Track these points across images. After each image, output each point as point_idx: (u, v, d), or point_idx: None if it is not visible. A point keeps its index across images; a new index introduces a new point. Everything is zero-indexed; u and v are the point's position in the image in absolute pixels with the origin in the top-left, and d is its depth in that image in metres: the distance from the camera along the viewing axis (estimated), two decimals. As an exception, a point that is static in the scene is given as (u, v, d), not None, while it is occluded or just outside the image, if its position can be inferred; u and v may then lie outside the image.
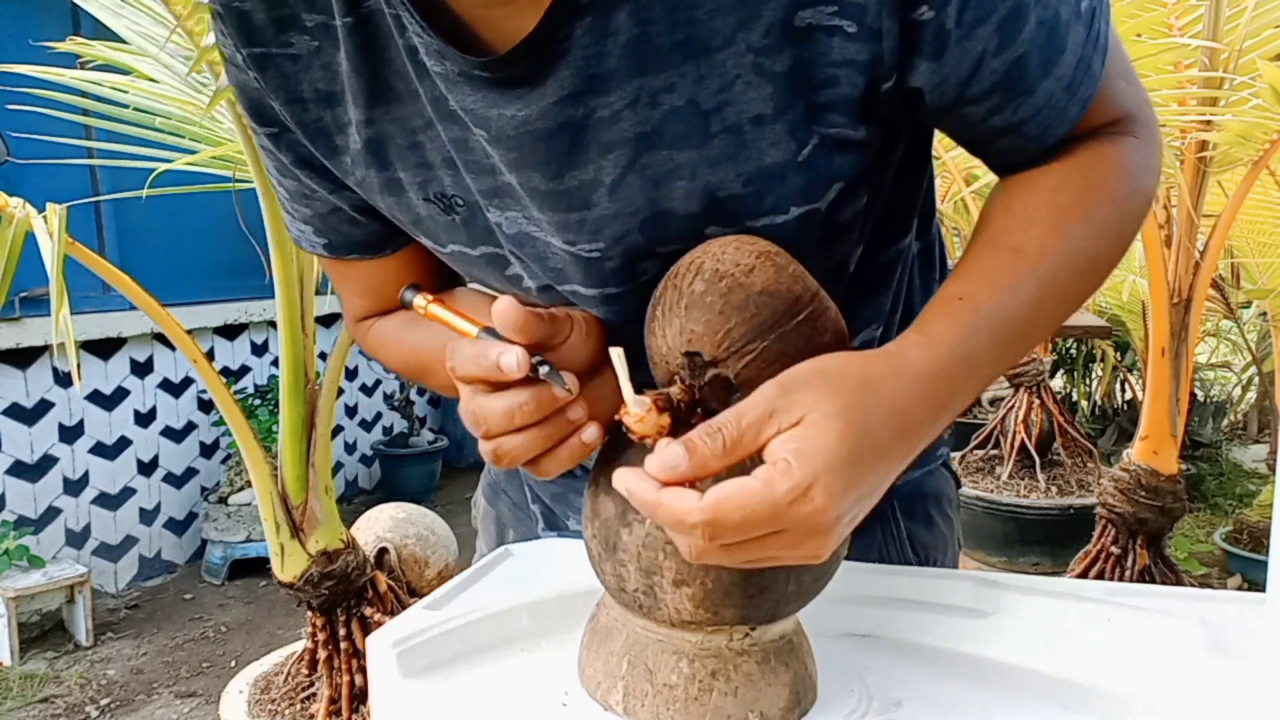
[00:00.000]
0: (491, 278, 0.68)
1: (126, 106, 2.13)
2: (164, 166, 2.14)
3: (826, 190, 0.58)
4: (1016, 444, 2.65)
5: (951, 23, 0.52)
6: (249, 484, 3.54)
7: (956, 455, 2.85)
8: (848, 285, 0.67)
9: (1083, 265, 0.59)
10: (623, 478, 0.47)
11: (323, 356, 3.59)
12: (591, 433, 0.54)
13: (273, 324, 4.09)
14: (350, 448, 4.94)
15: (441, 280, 0.77)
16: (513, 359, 0.51)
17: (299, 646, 2.48)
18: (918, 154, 0.70)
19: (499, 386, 0.54)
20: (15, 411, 3.35)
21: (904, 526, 0.80)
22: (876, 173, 0.63)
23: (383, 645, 0.59)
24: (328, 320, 4.34)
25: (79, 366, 1.88)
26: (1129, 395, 5.02)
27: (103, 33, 2.07)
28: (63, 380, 3.45)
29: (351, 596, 2.33)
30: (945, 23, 0.52)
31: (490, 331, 0.53)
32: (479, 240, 0.65)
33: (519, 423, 0.52)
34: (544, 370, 0.51)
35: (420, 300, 0.58)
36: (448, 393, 0.73)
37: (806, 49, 0.53)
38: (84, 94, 2.22)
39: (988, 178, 2.75)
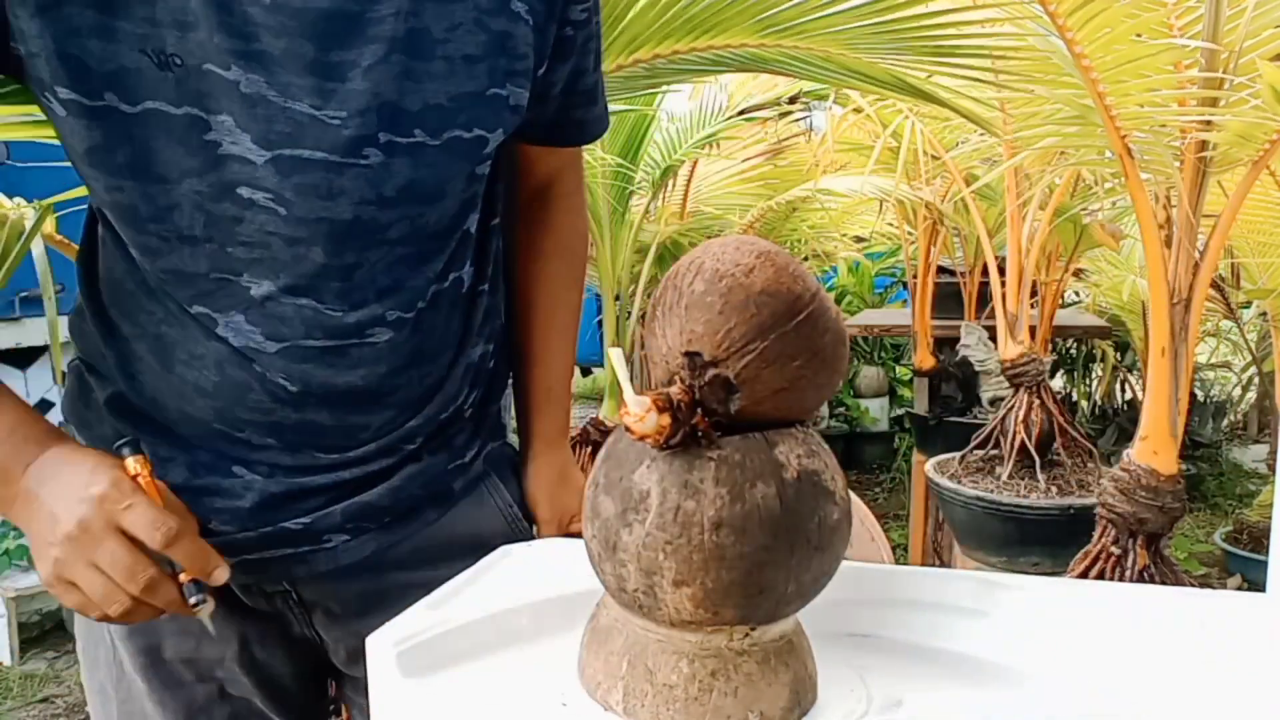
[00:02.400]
0: (180, 142, 0.72)
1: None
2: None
3: (495, 129, 0.80)
4: (1016, 444, 2.65)
5: (580, 41, 0.86)
6: (249, 484, 3.53)
7: (956, 455, 2.85)
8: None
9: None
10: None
11: (323, 357, 3.58)
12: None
13: (273, 324, 4.07)
14: (350, 448, 4.92)
15: None
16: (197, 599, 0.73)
17: (299, 647, 2.47)
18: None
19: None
20: (15, 412, 3.34)
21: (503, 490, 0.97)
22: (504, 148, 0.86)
23: (383, 645, 0.59)
24: (328, 320, 4.32)
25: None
26: (1129, 395, 5.02)
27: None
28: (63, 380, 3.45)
29: (351, 596, 2.32)
30: (575, 40, 0.85)
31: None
32: (186, 100, 0.71)
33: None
34: (195, 599, 0.69)
35: (132, 463, 0.71)
36: None
37: (514, 25, 0.78)
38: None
39: (987, 178, 2.75)
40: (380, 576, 0.87)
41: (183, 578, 0.71)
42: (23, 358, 3.35)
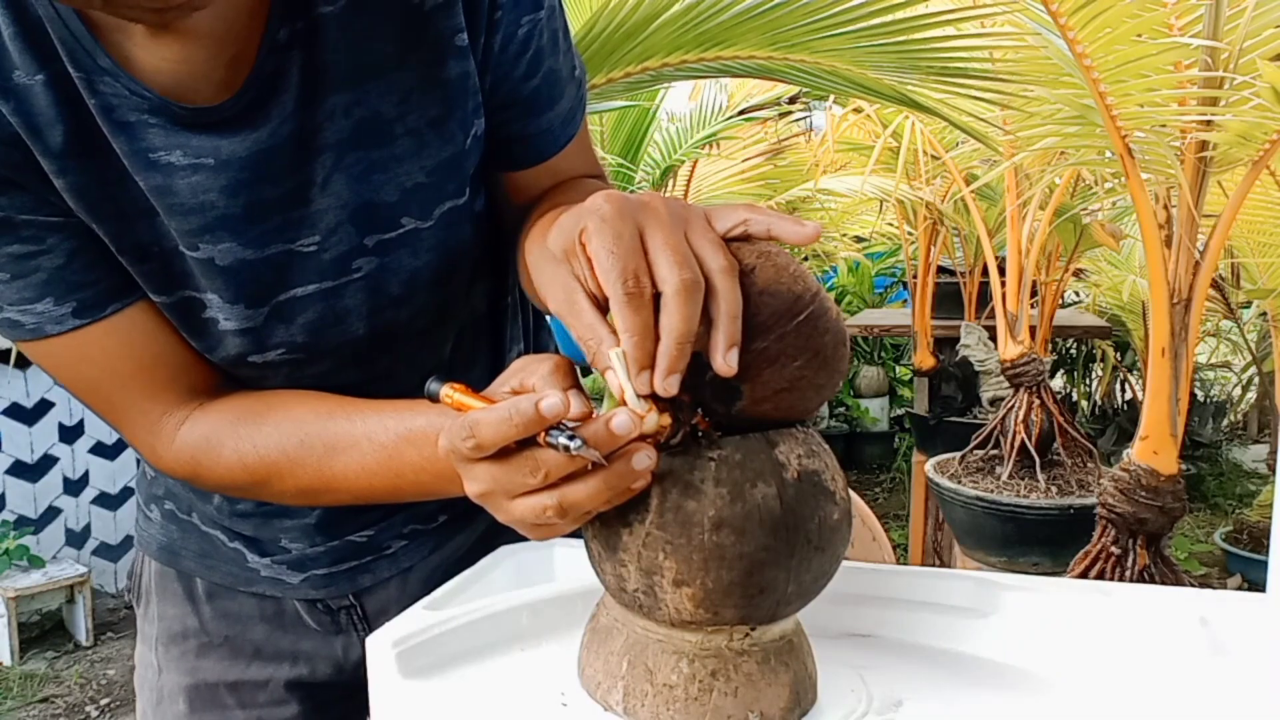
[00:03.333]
0: (182, 326, 0.71)
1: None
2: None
3: (479, 176, 0.74)
4: (1016, 444, 2.65)
5: (498, 48, 0.70)
6: (249, 484, 3.53)
7: (956, 455, 2.85)
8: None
9: None
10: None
11: (323, 356, 3.58)
12: (644, 459, 0.49)
13: (273, 324, 4.07)
14: (350, 448, 4.92)
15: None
16: (557, 400, 0.48)
17: (299, 646, 2.47)
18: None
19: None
20: (15, 411, 3.35)
21: None
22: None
23: (383, 645, 0.59)
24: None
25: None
26: (1129, 395, 5.02)
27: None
28: (63, 380, 3.45)
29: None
30: (492, 49, 0.70)
31: None
32: (176, 286, 0.69)
33: (580, 464, 0.49)
34: (575, 445, 0.48)
35: (447, 390, 0.55)
36: (291, 499, 0.75)
37: (464, 61, 0.68)
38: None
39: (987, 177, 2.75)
40: (442, 579, 0.86)
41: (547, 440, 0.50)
42: (23, 358, 3.35)
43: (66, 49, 0.61)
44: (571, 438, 0.48)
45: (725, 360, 0.48)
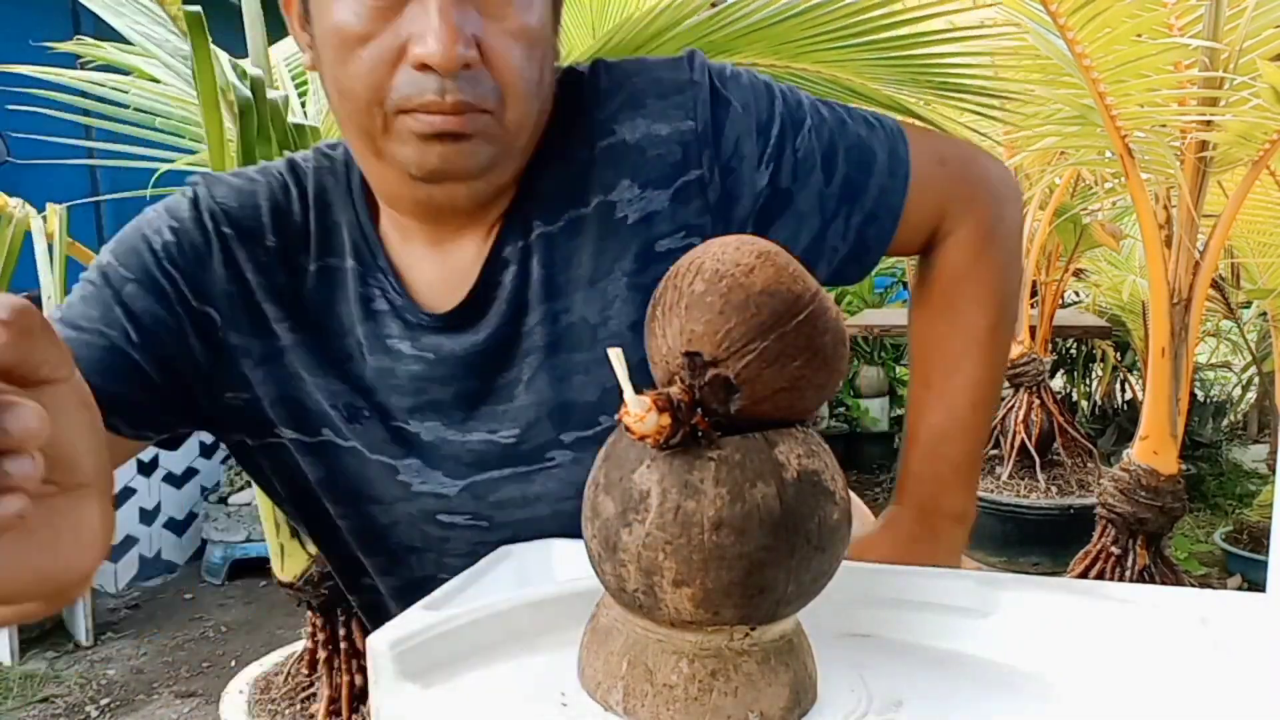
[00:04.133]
0: (373, 485, 0.77)
1: (126, 106, 2.13)
2: (165, 167, 2.14)
3: None
4: (1016, 444, 2.65)
5: (785, 185, 0.75)
6: (249, 484, 3.54)
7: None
8: None
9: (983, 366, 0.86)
10: None
11: (323, 356, 3.58)
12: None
13: (273, 324, 4.06)
14: (350, 448, 4.92)
15: None
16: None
17: (299, 646, 2.48)
18: None
19: None
20: (15, 411, 3.34)
21: None
22: None
23: (382, 645, 0.59)
24: (328, 320, 4.32)
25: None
26: (1129, 395, 5.02)
27: (104, 32, 2.07)
28: (63, 380, 3.44)
29: (351, 596, 2.32)
30: (779, 185, 0.75)
31: None
32: (375, 449, 0.76)
33: None
34: None
35: None
36: None
37: (667, 265, 0.68)
38: (84, 94, 2.22)
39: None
40: None
41: None
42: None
43: (353, 247, 0.75)
44: None
45: None
